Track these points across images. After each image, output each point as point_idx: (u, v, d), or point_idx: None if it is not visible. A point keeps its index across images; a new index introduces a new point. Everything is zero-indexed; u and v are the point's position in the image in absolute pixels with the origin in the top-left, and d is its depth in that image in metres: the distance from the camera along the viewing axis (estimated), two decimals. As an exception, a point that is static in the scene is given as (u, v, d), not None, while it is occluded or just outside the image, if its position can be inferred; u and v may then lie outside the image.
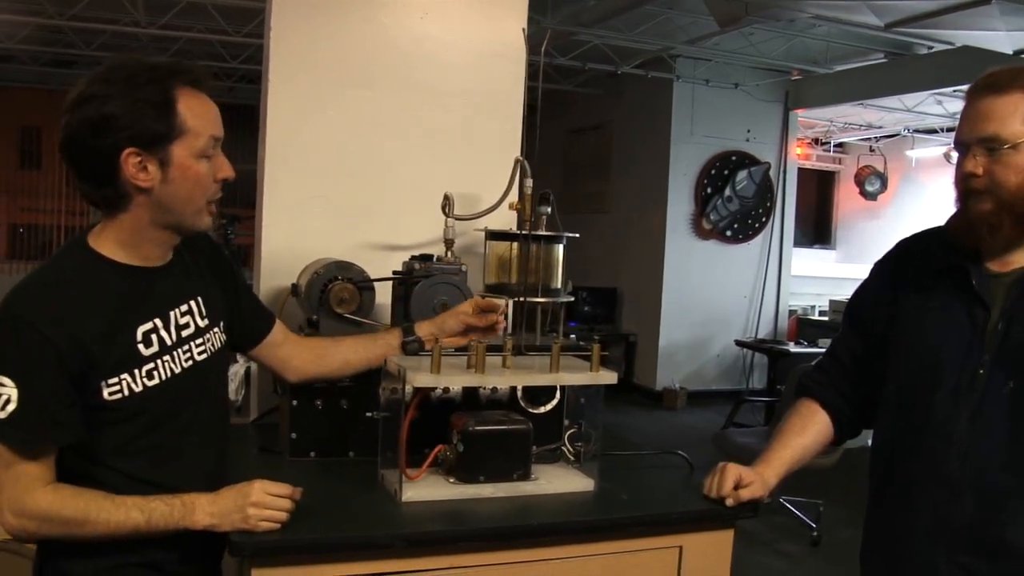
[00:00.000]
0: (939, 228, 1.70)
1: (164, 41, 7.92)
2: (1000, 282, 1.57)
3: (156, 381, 1.48)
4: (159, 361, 1.49)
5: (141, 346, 1.47)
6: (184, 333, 1.55)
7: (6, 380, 1.36)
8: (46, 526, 1.40)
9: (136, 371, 1.46)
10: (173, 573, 1.53)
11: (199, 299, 1.60)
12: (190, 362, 1.55)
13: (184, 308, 1.56)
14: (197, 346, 1.57)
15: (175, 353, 1.52)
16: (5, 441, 1.37)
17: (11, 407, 1.35)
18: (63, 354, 1.37)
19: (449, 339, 1.87)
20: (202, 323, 1.59)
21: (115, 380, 1.43)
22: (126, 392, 1.44)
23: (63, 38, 7.97)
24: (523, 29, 2.46)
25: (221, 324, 1.66)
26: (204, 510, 1.44)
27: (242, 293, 1.78)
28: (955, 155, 1.61)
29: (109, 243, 1.49)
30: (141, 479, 1.46)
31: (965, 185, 1.55)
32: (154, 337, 1.49)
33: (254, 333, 1.79)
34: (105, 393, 1.43)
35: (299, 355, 1.83)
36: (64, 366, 1.38)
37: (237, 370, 2.26)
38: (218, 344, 1.63)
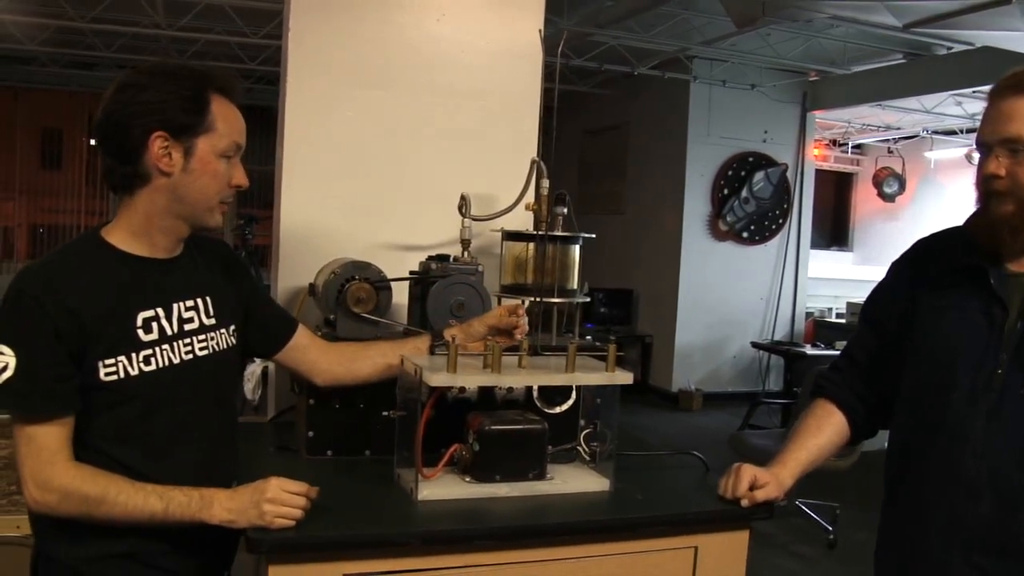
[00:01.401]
0: (957, 228, 1.69)
1: (183, 43, 7.98)
2: (1019, 282, 1.56)
3: (153, 368, 1.51)
4: (157, 349, 1.52)
5: (140, 331, 1.51)
6: (187, 327, 1.58)
7: (5, 348, 1.41)
8: (66, 502, 1.42)
9: (133, 355, 1.49)
10: (163, 568, 1.55)
11: (207, 298, 1.63)
12: (190, 355, 1.58)
13: (189, 303, 1.60)
14: (199, 342, 1.60)
15: (175, 344, 1.55)
16: (3, 406, 1.42)
17: (7, 374, 1.41)
18: (60, 327, 1.42)
19: (474, 344, 1.87)
20: (208, 321, 1.62)
21: (112, 361, 1.47)
22: (122, 374, 1.48)
23: (83, 40, 8.04)
24: (540, 30, 2.46)
25: (231, 327, 1.68)
26: (222, 505, 1.46)
27: (261, 299, 1.81)
28: (977, 156, 1.60)
29: (120, 232, 1.54)
30: (132, 469, 1.48)
31: (987, 186, 1.54)
32: (154, 325, 1.53)
33: (276, 338, 1.81)
34: (101, 373, 1.46)
35: (327, 359, 1.85)
36: (61, 339, 1.42)
37: (254, 370, 2.28)
38: (224, 345, 1.65)
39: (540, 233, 2.04)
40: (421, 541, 1.54)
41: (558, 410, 1.93)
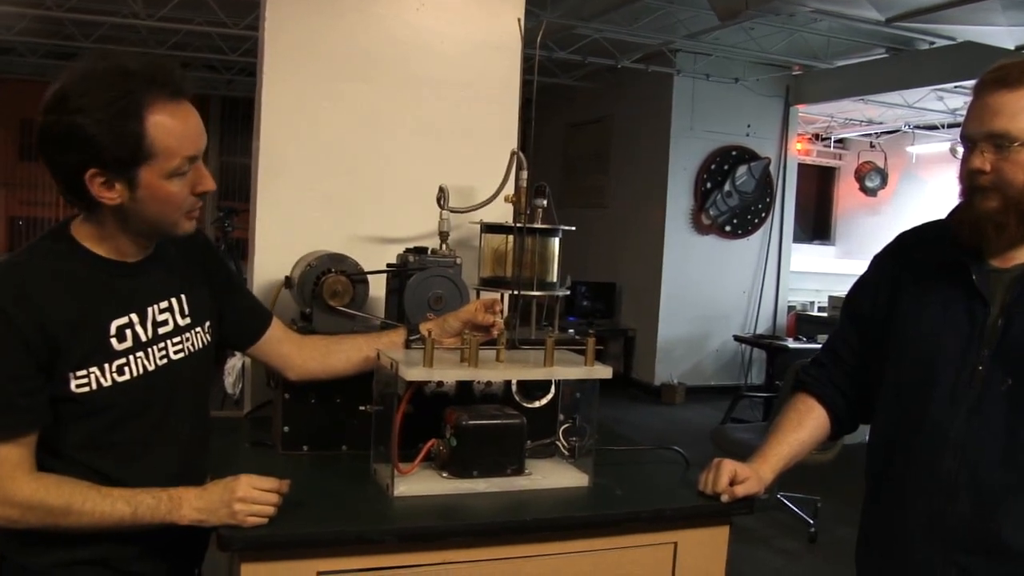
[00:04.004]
0: (939, 222, 1.67)
1: (163, 33, 7.91)
2: (1000, 278, 1.55)
3: (127, 377, 1.45)
4: (131, 357, 1.46)
5: (114, 340, 1.44)
6: (161, 330, 1.52)
7: None
8: (29, 514, 1.37)
9: (106, 365, 1.43)
10: (133, 573, 1.51)
11: (182, 297, 1.57)
12: (164, 360, 1.52)
13: (164, 305, 1.53)
14: (174, 344, 1.54)
15: (150, 350, 1.49)
16: None
17: None
18: (29, 339, 1.34)
19: (449, 339, 1.85)
20: (182, 321, 1.56)
21: (83, 373, 1.40)
22: (94, 386, 1.42)
23: (62, 30, 7.95)
24: (519, 20, 2.44)
25: (206, 324, 1.62)
26: (191, 505, 1.42)
27: (236, 291, 1.76)
28: (960, 149, 1.58)
29: (89, 235, 1.47)
30: (105, 475, 1.43)
31: (971, 181, 1.52)
32: (128, 332, 1.46)
33: (250, 331, 1.77)
34: (72, 385, 1.40)
35: (300, 353, 1.81)
36: (30, 352, 1.35)
37: (235, 364, 2.24)
38: (199, 344, 1.60)
39: (518, 225, 2.02)
40: (397, 538, 1.52)
41: (537, 404, 1.91)
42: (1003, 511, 1.49)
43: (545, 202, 2.12)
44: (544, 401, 1.92)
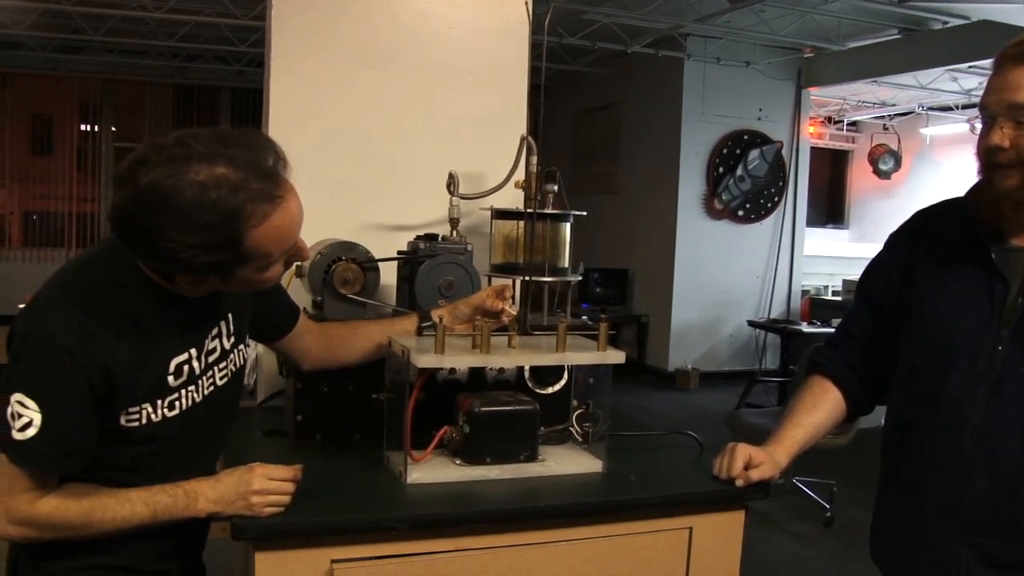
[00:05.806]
0: (956, 199, 1.64)
1: (171, 26, 7.91)
2: (1020, 257, 1.52)
3: (176, 412, 1.43)
4: (183, 391, 1.44)
5: (171, 378, 1.42)
6: (211, 359, 1.50)
7: (31, 403, 1.28)
8: (48, 532, 1.36)
9: (159, 401, 1.41)
10: (151, 572, 1.50)
11: (229, 316, 1.54)
12: (211, 388, 1.50)
13: (215, 332, 1.51)
14: (220, 370, 1.52)
15: (200, 381, 1.47)
16: (18, 463, 1.31)
17: (31, 432, 1.28)
18: (93, 383, 1.31)
19: (461, 326, 1.84)
20: (228, 343, 1.54)
21: (136, 409, 1.38)
22: (144, 421, 1.40)
23: (70, 24, 7.96)
24: (527, 5, 2.42)
25: (246, 337, 1.61)
26: (206, 497, 1.42)
27: (272, 292, 1.71)
28: (980, 126, 1.54)
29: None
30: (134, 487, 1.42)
31: (989, 158, 1.49)
32: (185, 368, 1.44)
33: (282, 327, 1.75)
34: (123, 420, 1.38)
35: (317, 344, 1.80)
36: (93, 393, 1.32)
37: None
38: (240, 362, 1.59)
39: (529, 211, 2.01)
40: (410, 525, 1.51)
41: (550, 391, 1.90)
42: (1022, 493, 1.46)
43: (556, 187, 2.10)
44: (557, 387, 1.91)
